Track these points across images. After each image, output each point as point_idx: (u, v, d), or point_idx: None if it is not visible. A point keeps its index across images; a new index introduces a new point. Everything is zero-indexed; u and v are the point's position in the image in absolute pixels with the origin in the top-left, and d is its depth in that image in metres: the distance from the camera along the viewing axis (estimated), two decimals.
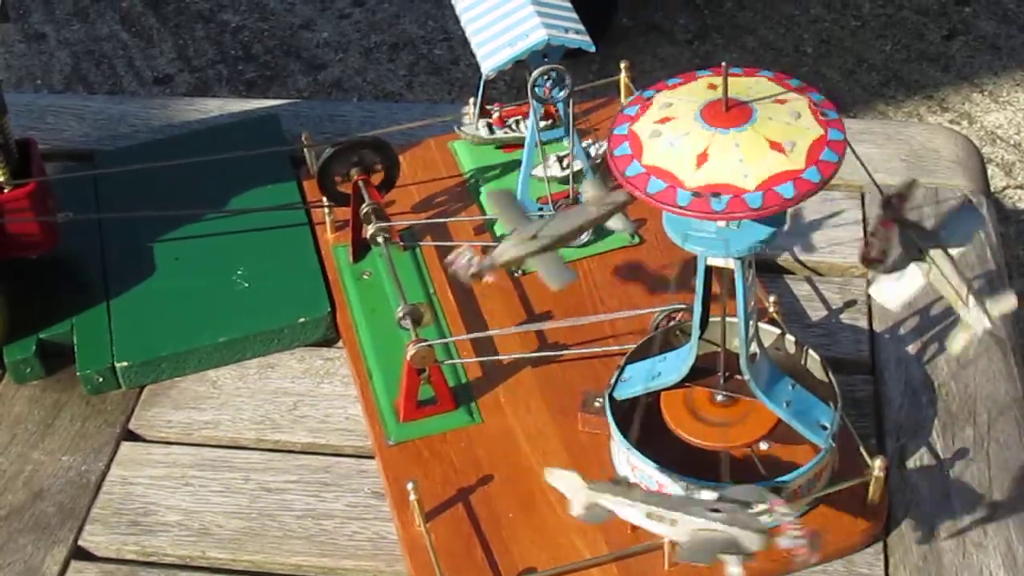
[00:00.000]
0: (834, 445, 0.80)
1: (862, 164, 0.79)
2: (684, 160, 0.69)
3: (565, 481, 0.72)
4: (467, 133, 1.09)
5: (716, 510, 0.69)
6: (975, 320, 0.74)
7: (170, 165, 1.06)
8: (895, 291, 0.76)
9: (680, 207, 0.68)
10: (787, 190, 0.67)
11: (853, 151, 0.75)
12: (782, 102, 0.71)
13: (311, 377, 0.97)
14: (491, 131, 1.08)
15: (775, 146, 0.68)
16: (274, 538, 0.86)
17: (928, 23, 2.49)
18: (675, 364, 0.82)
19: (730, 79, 0.70)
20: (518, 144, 1.05)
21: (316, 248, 1.04)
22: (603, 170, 0.96)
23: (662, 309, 0.92)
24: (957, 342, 0.75)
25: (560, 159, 1.03)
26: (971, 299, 0.73)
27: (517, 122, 1.08)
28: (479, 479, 0.86)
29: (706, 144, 0.69)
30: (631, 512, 0.71)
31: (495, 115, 1.09)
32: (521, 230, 0.75)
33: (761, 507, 0.69)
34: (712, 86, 0.72)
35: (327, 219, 1.04)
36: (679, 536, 0.70)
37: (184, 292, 1.01)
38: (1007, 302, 0.74)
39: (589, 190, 0.75)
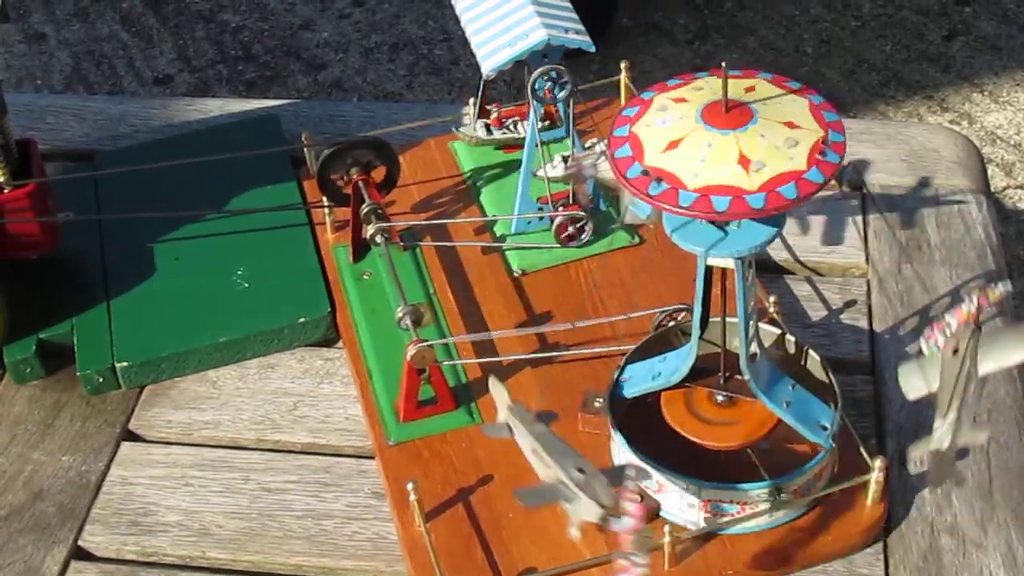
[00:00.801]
0: (834, 445, 0.80)
1: (855, 164, 0.79)
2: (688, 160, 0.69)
3: (498, 391, 0.78)
4: (465, 134, 1.09)
5: (582, 471, 0.72)
6: (938, 437, 0.74)
7: (170, 165, 1.06)
8: (916, 382, 0.77)
9: (682, 208, 0.68)
10: (789, 191, 0.67)
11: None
12: (782, 103, 0.71)
13: (311, 377, 0.97)
14: (489, 132, 1.08)
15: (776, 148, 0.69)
16: (274, 538, 0.86)
17: (928, 23, 2.49)
18: (675, 364, 0.82)
19: (729, 81, 0.70)
20: (518, 145, 1.05)
21: (316, 248, 1.04)
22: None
23: (662, 309, 0.92)
24: (916, 451, 0.76)
25: (565, 159, 1.03)
26: (950, 416, 0.73)
27: (515, 123, 1.08)
28: (479, 479, 0.86)
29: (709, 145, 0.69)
30: (524, 442, 0.76)
31: (493, 115, 1.09)
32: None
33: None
34: (712, 87, 0.72)
35: (327, 219, 1.04)
36: (544, 477, 0.74)
37: (184, 292, 1.01)
38: (977, 437, 0.75)
39: (631, 212, 0.77)
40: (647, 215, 0.76)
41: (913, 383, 0.75)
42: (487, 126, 1.07)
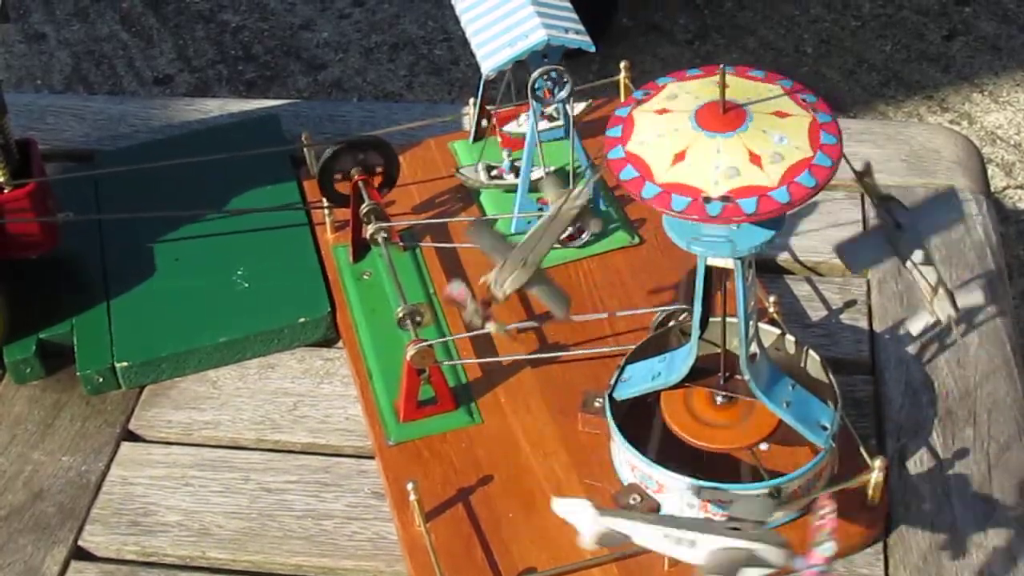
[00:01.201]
0: (834, 445, 0.80)
1: (849, 165, 0.79)
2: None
3: (573, 510, 0.70)
4: (467, 176, 1.07)
5: (735, 528, 0.68)
6: (940, 308, 0.75)
7: (170, 165, 1.06)
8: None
9: (712, 217, 0.68)
10: (807, 179, 0.68)
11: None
12: (782, 115, 0.71)
13: (311, 377, 0.97)
14: (490, 176, 1.07)
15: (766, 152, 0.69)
16: (274, 538, 0.86)
17: (928, 23, 2.49)
18: (675, 364, 0.82)
19: (716, 83, 0.70)
20: (518, 143, 1.05)
21: (316, 248, 1.04)
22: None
23: (662, 309, 0.92)
24: (916, 324, 0.76)
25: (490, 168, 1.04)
26: (940, 289, 0.74)
27: (518, 172, 1.06)
28: (479, 479, 0.86)
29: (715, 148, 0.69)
30: (647, 534, 0.69)
31: (502, 164, 1.07)
32: (510, 259, 0.76)
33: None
34: (726, 84, 0.72)
35: (327, 219, 1.04)
36: (699, 557, 0.68)
37: (184, 292, 1.01)
38: (974, 296, 0.76)
39: (549, 190, 0.76)
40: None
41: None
42: (488, 168, 1.07)
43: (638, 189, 0.69)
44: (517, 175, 1.03)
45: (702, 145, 0.69)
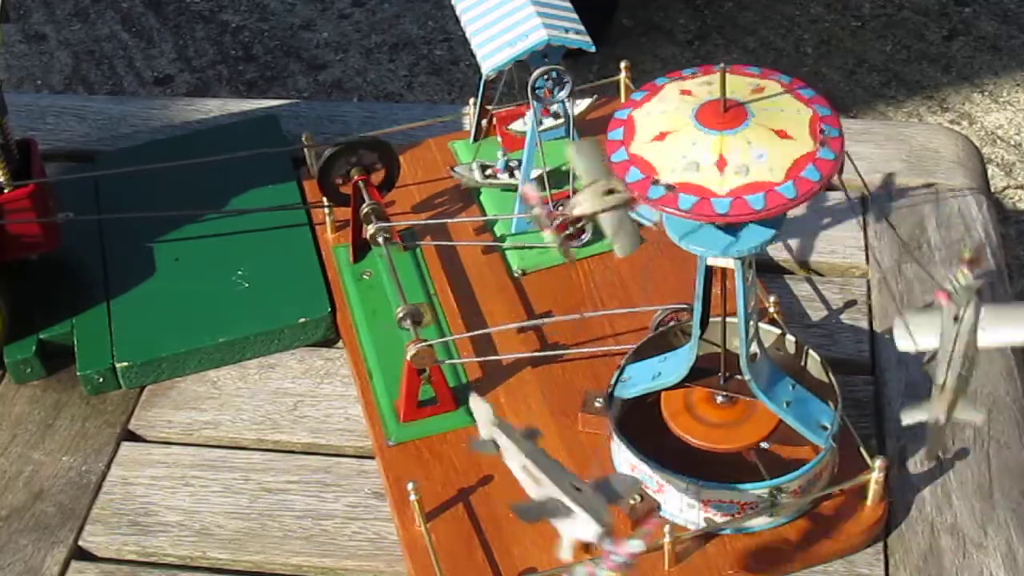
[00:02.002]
0: (834, 445, 0.80)
1: (853, 165, 0.79)
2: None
3: (481, 409, 0.74)
4: (461, 174, 1.07)
5: (578, 488, 0.70)
6: (934, 408, 0.73)
7: (170, 166, 1.06)
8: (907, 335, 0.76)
9: (720, 214, 0.68)
10: (812, 173, 0.68)
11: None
12: (777, 103, 0.71)
13: (311, 377, 0.97)
14: (484, 175, 1.07)
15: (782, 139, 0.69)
16: (274, 538, 0.86)
17: (928, 23, 2.49)
18: (675, 364, 0.82)
19: (713, 82, 0.70)
20: (519, 141, 1.05)
21: (316, 248, 1.04)
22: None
23: (663, 309, 0.92)
24: (908, 416, 0.75)
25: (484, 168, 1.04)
26: (947, 391, 0.73)
27: (512, 171, 1.06)
28: (479, 479, 0.86)
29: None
30: (513, 458, 0.73)
31: (497, 164, 1.07)
32: (598, 183, 0.73)
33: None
34: (685, 91, 0.72)
35: (327, 219, 1.04)
36: (534, 495, 0.71)
37: (184, 292, 1.01)
38: (973, 415, 0.75)
39: (531, 195, 0.75)
40: (653, 221, 0.76)
41: (906, 334, 0.75)
42: (483, 168, 1.07)
43: (644, 191, 0.69)
44: (511, 175, 1.03)
45: (705, 144, 0.69)
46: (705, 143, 0.69)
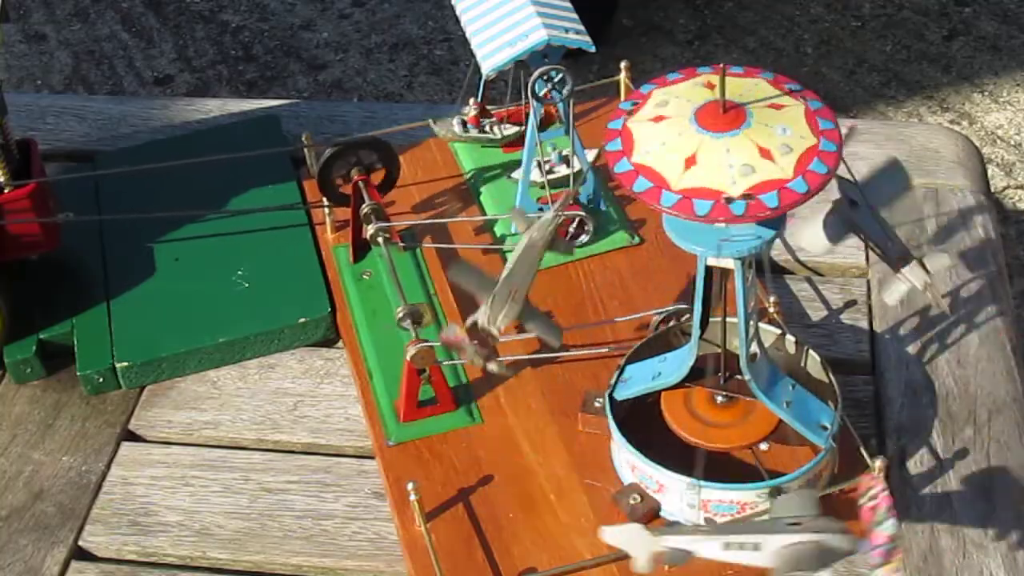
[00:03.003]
0: (834, 445, 0.80)
1: (847, 168, 0.79)
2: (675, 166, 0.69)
3: (624, 536, 0.68)
4: (440, 129, 1.07)
5: (794, 523, 0.67)
6: (914, 276, 0.76)
7: (170, 165, 1.06)
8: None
9: (738, 216, 0.68)
10: (819, 166, 0.68)
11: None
12: (777, 107, 0.71)
13: (311, 377, 0.97)
14: (465, 129, 1.07)
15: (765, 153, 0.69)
16: (274, 538, 0.86)
17: (928, 23, 2.49)
18: (675, 364, 0.82)
19: (702, 85, 0.70)
20: (517, 143, 1.05)
21: (316, 248, 1.04)
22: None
23: (662, 310, 0.92)
24: (893, 294, 0.77)
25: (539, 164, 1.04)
26: (909, 257, 0.76)
27: (492, 124, 1.06)
28: (479, 479, 0.86)
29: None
30: (707, 546, 0.67)
31: (470, 114, 1.08)
32: (498, 295, 0.78)
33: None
34: (710, 84, 0.72)
35: (327, 219, 1.04)
36: (767, 559, 0.66)
37: (184, 292, 1.01)
38: (941, 260, 0.77)
39: (519, 222, 0.77)
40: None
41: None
42: (463, 123, 1.07)
43: (656, 199, 0.68)
44: (568, 165, 1.02)
45: (711, 147, 0.69)
46: (709, 146, 0.69)
